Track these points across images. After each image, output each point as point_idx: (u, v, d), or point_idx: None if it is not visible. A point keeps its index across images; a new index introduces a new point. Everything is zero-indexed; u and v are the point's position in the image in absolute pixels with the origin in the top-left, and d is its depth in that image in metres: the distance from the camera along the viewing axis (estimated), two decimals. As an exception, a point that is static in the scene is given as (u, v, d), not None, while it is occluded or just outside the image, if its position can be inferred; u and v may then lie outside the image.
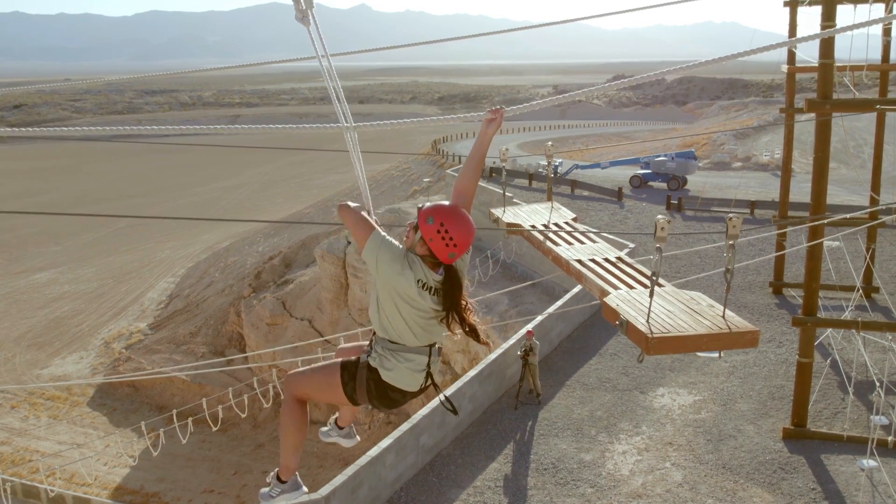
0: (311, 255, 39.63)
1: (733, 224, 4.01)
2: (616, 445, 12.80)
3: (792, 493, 11.23)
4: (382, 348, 3.66)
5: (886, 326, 13.29)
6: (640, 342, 3.97)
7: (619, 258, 5.23)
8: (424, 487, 11.82)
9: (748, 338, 3.98)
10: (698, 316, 4.14)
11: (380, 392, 3.71)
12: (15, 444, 31.34)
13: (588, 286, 4.85)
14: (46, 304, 47.06)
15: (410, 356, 3.64)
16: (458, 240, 3.51)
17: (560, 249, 5.14)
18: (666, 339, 3.92)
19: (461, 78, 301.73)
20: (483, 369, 14.03)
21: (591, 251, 5.24)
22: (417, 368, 3.67)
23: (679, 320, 4.08)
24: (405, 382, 3.69)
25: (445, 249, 3.51)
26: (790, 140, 18.95)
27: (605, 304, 4.42)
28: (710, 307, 4.30)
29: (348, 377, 3.74)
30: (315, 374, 3.87)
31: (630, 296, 4.48)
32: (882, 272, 19.85)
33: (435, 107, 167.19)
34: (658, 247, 4.06)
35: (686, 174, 34.43)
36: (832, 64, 11.49)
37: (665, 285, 4.66)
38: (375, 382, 3.69)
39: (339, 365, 3.79)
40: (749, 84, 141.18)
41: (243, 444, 30.38)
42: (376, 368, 3.68)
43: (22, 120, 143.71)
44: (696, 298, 4.43)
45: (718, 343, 4.00)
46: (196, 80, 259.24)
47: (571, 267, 4.95)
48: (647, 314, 4.10)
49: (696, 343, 3.99)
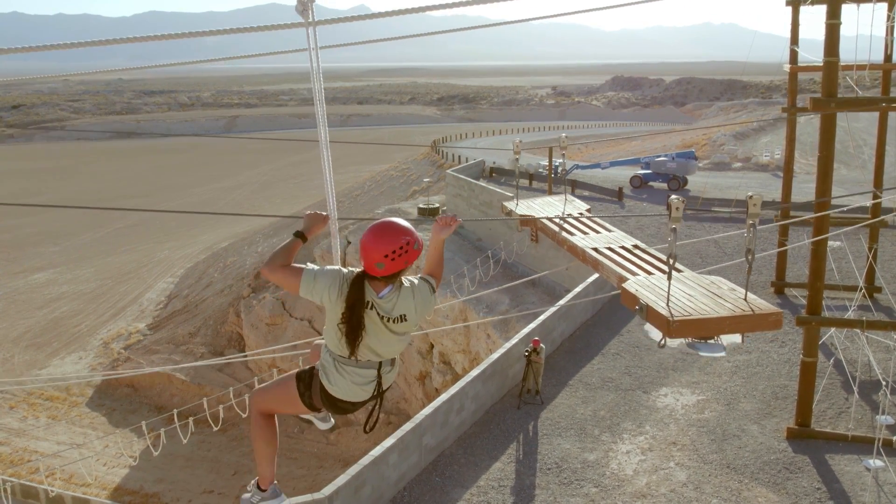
0: (311, 255, 39.54)
1: (754, 203, 3.93)
2: (620, 445, 12.74)
3: (797, 493, 11.17)
4: (327, 361, 3.69)
5: (891, 326, 13.25)
6: (662, 326, 3.87)
7: (636, 245, 5.16)
8: (428, 487, 11.76)
9: (772, 319, 3.89)
10: (719, 299, 4.06)
11: (329, 402, 3.76)
12: (14, 445, 31.22)
13: (605, 274, 4.78)
14: (45, 304, 46.94)
15: (354, 370, 3.64)
16: (367, 245, 3.48)
17: (576, 239, 5.08)
18: (688, 322, 3.83)
19: (460, 79, 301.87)
20: (486, 369, 13.96)
21: (606, 240, 5.17)
22: (362, 382, 3.67)
23: (700, 304, 3.99)
24: (349, 394, 3.71)
25: (367, 260, 3.51)
26: (792, 139, 18.90)
27: (623, 289, 4.34)
28: (731, 290, 4.21)
29: (304, 387, 3.80)
30: (275, 388, 3.94)
31: (649, 281, 4.40)
32: (884, 272, 19.81)
33: (434, 107, 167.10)
34: (673, 227, 3.99)
35: (686, 174, 34.42)
36: (837, 62, 11.44)
37: (684, 270, 4.58)
38: (324, 391, 3.74)
39: (295, 376, 3.85)
40: (748, 85, 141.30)
41: (243, 445, 30.25)
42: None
43: (20, 120, 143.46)
44: (717, 283, 4.35)
45: (741, 325, 3.91)
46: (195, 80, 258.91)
47: (588, 255, 4.88)
48: (666, 298, 4.01)
49: (719, 326, 3.90)
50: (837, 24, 11.43)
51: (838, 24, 11.42)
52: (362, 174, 74.71)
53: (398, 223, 3.55)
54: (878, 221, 18.42)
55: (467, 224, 34.33)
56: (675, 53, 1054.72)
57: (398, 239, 3.47)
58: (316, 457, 29.42)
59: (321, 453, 29.71)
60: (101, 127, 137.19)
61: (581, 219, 5.55)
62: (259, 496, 4.08)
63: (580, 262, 5.05)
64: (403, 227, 3.53)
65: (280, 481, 4.26)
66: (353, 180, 69.66)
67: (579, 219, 5.54)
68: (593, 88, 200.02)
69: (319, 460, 28.83)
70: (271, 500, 4.09)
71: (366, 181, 62.97)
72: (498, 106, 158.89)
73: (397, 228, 3.52)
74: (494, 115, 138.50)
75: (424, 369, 28.21)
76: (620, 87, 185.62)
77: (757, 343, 16.89)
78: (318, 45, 3.88)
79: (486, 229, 32.43)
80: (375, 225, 3.56)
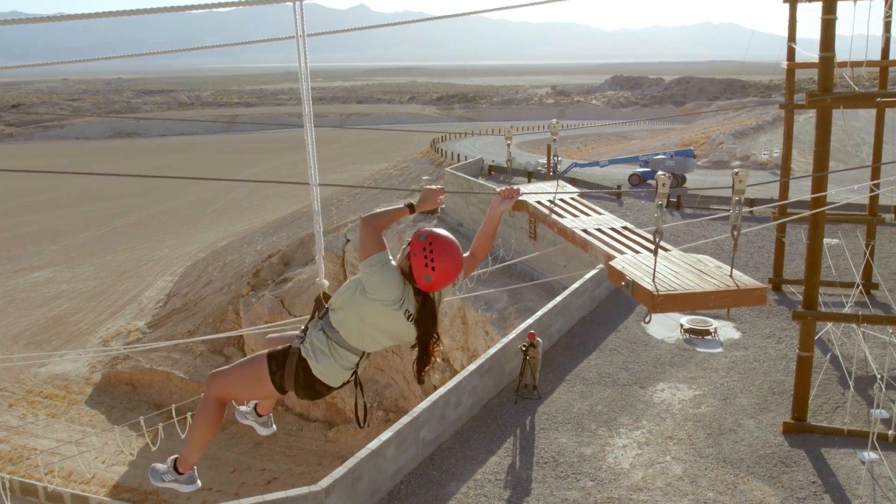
0: (310, 254, 39.61)
1: (739, 179, 3.98)
2: (616, 439, 12.78)
3: (793, 486, 11.22)
4: (319, 340, 3.60)
5: (887, 320, 13.29)
6: (646, 301, 3.92)
7: (625, 227, 5.22)
8: (425, 480, 11.80)
9: (756, 295, 3.93)
10: (705, 275, 4.11)
11: (307, 383, 3.66)
12: (13, 443, 31.26)
13: (594, 254, 4.84)
14: (44, 302, 46.98)
15: (346, 353, 3.61)
16: (438, 267, 3.42)
17: (565, 221, 5.14)
18: (672, 296, 3.88)
19: (459, 78, 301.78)
20: (483, 363, 14.00)
21: (596, 222, 5.24)
22: (347, 366, 3.65)
23: (685, 279, 4.04)
24: (332, 378, 3.66)
25: (423, 270, 3.42)
26: (790, 136, 18.95)
27: (610, 267, 4.39)
28: (717, 268, 4.26)
29: (276, 366, 3.68)
30: (240, 368, 3.81)
31: (636, 259, 4.46)
32: (882, 269, 19.87)
33: (433, 107, 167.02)
34: (660, 203, 4.03)
35: (685, 172, 34.46)
36: (833, 57, 11.49)
37: (671, 249, 4.64)
38: (304, 372, 3.64)
39: (266, 355, 3.74)
40: (747, 84, 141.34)
41: (241, 442, 30.29)
42: (306, 359, 3.64)
43: (20, 119, 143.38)
44: (703, 260, 4.40)
45: (725, 300, 3.95)
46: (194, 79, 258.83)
47: (577, 236, 4.94)
48: (652, 274, 4.06)
49: (703, 301, 3.95)
50: (833, 18, 11.47)
51: (834, 18, 11.46)
52: (361, 173, 74.75)
53: (461, 256, 3.54)
54: (876, 218, 18.49)
55: (466, 222, 34.38)
56: (674, 53, 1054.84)
57: (456, 269, 3.49)
58: (314, 454, 29.46)
59: (320, 450, 29.76)
60: (101, 126, 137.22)
61: (572, 202, 5.61)
62: (173, 476, 3.95)
63: (569, 243, 5.10)
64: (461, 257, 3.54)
65: (279, 478, 4.21)
66: (352, 179, 69.73)
67: (570, 202, 5.59)
68: (593, 88, 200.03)
69: (318, 457, 28.87)
70: (187, 484, 3.99)
71: (364, 180, 63.01)
72: (497, 105, 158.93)
73: (460, 261, 3.51)
74: (494, 115, 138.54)
75: (423, 367, 28.21)
76: (620, 87, 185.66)
77: (754, 339, 16.94)
78: (303, 19, 3.85)
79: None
80: (453, 250, 3.47)
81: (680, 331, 17.32)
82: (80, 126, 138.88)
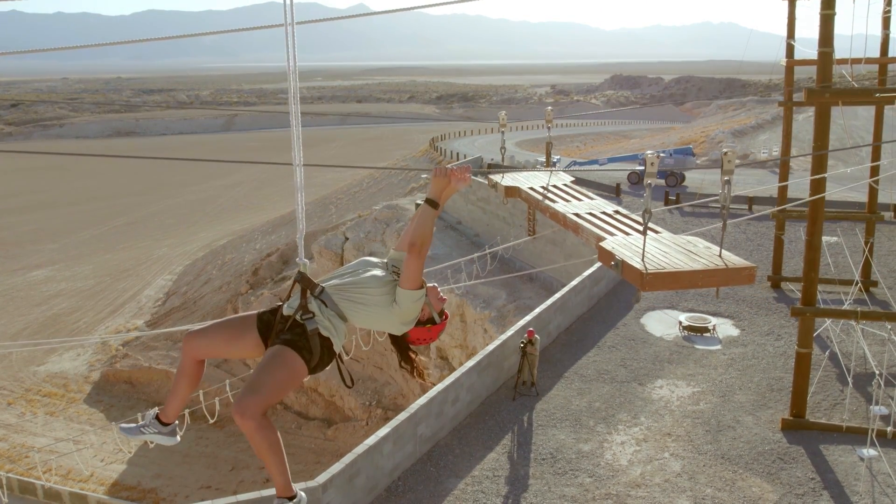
0: (309, 252, 39.55)
1: (728, 159, 3.97)
2: (614, 436, 12.76)
3: (791, 483, 11.20)
4: (333, 319, 3.59)
5: (885, 316, 13.26)
6: (636, 280, 3.91)
7: (617, 211, 5.22)
8: (422, 477, 11.77)
9: (745, 274, 3.93)
10: (694, 255, 4.10)
11: (330, 359, 3.61)
12: (11, 441, 31.23)
13: (585, 236, 4.83)
14: (43, 300, 46.95)
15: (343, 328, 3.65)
16: (434, 337, 3.91)
17: (558, 206, 5.14)
18: (661, 275, 3.87)
19: (459, 78, 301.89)
20: (481, 360, 13.97)
21: (588, 207, 5.24)
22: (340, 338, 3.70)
23: (674, 259, 4.03)
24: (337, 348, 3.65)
25: (426, 335, 3.85)
26: (789, 133, 18.94)
27: (600, 248, 4.38)
28: (706, 248, 4.25)
29: (263, 326, 3.59)
30: (227, 322, 3.70)
31: (625, 240, 4.46)
32: (881, 266, 19.84)
33: (433, 106, 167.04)
34: (648, 183, 4.02)
35: (684, 171, 34.44)
36: (831, 52, 11.46)
37: (662, 232, 4.63)
38: (328, 351, 3.56)
39: (256, 315, 3.64)
40: (747, 84, 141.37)
41: (240, 440, 30.26)
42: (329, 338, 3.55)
43: (19, 118, 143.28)
44: (693, 241, 4.40)
45: (714, 279, 3.94)
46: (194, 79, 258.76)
47: (569, 220, 4.94)
48: (641, 253, 4.05)
49: (692, 279, 3.94)
50: (832, 14, 11.44)
51: (832, 14, 11.44)
52: (361, 172, 74.68)
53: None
54: (875, 216, 18.47)
55: (465, 220, 34.36)
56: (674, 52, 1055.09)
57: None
58: (313, 452, 29.45)
59: (318, 449, 29.76)
60: (101, 125, 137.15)
61: (565, 188, 5.59)
62: (156, 428, 3.83)
63: (562, 227, 5.09)
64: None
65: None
66: (351, 178, 69.62)
67: (563, 188, 5.58)
68: (592, 87, 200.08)
69: (317, 455, 28.86)
70: (169, 436, 3.87)
71: (364, 178, 62.95)
72: (497, 104, 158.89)
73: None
74: (493, 114, 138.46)
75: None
76: (619, 86, 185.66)
77: (753, 336, 16.93)
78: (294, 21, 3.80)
79: (484, 225, 32.46)
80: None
81: (679, 328, 17.30)
82: (80, 125, 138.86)
